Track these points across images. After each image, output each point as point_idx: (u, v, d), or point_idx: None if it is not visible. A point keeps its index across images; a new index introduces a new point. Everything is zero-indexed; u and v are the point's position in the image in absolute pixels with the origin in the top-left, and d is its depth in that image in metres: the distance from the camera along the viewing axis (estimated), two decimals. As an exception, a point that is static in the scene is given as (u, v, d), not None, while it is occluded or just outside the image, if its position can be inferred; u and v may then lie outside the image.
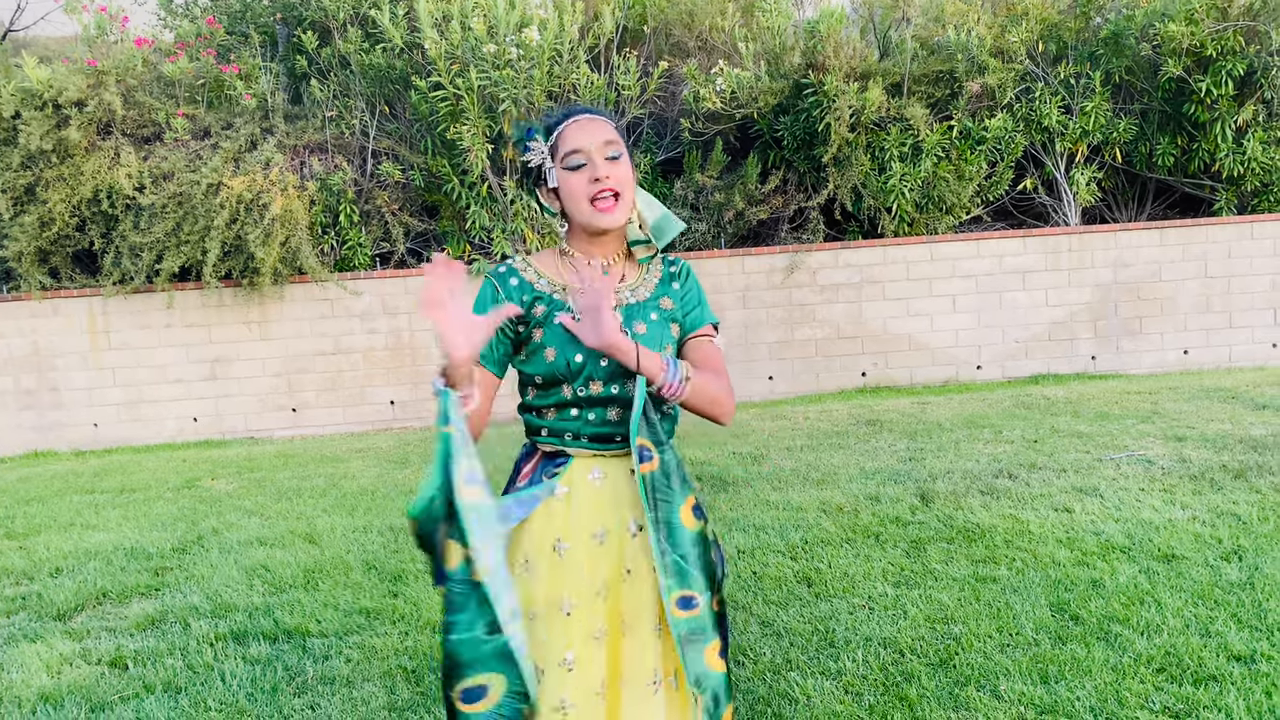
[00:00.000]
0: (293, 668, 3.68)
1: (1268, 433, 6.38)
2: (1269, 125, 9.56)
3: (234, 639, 3.96)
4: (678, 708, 2.07)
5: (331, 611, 4.19)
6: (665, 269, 2.20)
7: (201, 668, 3.70)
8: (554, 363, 2.04)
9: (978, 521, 4.89)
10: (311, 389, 9.33)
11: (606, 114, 2.11)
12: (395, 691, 3.45)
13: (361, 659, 3.72)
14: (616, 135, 2.07)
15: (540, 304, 2.07)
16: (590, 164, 2.02)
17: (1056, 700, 3.09)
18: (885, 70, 9.43)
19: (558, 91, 9.16)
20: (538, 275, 2.10)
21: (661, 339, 2.08)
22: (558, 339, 2.04)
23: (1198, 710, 2.97)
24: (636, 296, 2.12)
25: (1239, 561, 4.14)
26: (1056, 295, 9.82)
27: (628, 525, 2.05)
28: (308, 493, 6.36)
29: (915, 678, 3.30)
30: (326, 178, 9.12)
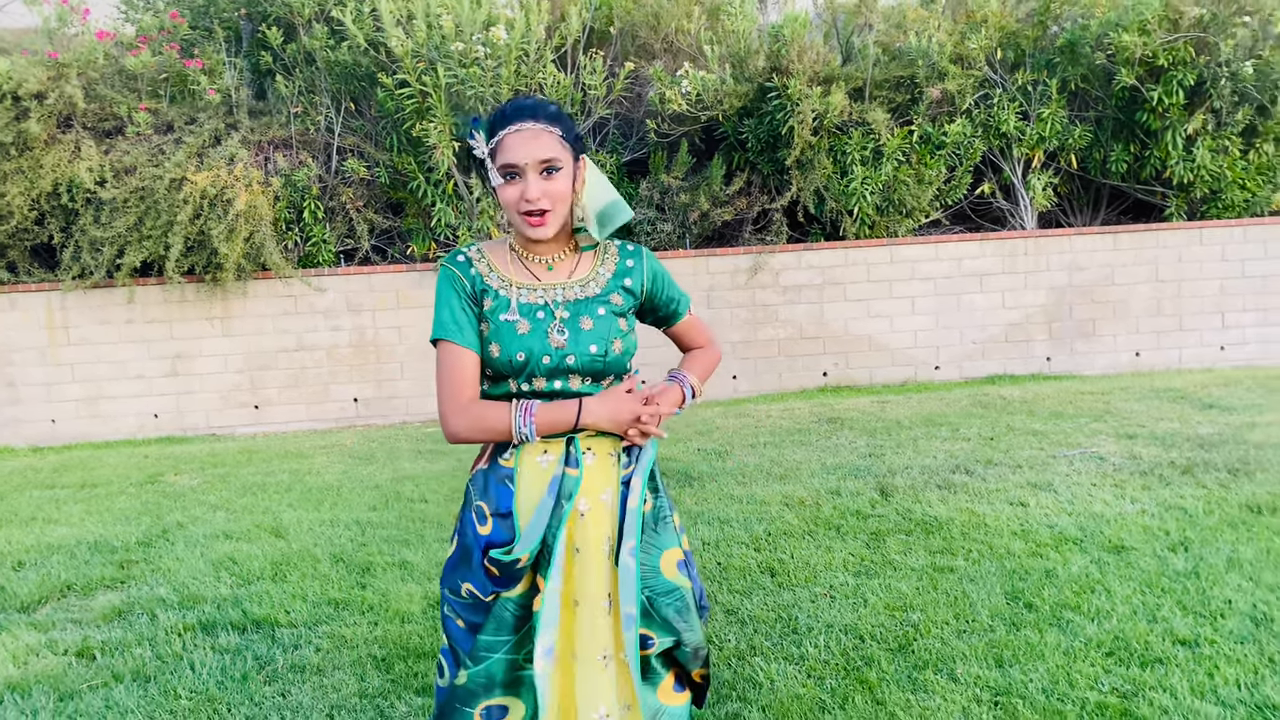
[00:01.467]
0: (262, 657, 3.70)
1: (1214, 431, 6.59)
2: (1218, 134, 9.83)
3: (202, 629, 3.98)
4: (628, 682, 2.15)
5: (300, 602, 4.22)
6: (621, 260, 2.23)
7: (170, 657, 3.72)
8: (498, 358, 2.10)
9: (935, 515, 5.01)
10: (274, 386, 9.29)
11: (552, 114, 2.10)
12: (366, 679, 3.49)
13: (331, 648, 3.76)
14: (558, 147, 2.07)
15: (488, 297, 2.12)
16: (524, 180, 2.05)
17: (1011, 682, 3.20)
18: (847, 75, 9.58)
19: (524, 91, 9.21)
20: (489, 268, 2.15)
21: (609, 334, 2.14)
22: (502, 336, 2.10)
23: (1144, 690, 3.10)
24: (586, 292, 2.17)
25: (1185, 552, 4.29)
26: (1013, 298, 10.02)
27: (576, 505, 2.11)
28: (272, 488, 6.36)
29: (875, 662, 3.40)
30: (291, 174, 9.10)
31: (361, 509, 5.71)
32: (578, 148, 2.14)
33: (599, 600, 2.10)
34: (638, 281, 2.22)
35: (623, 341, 2.16)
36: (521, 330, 2.09)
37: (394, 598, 4.22)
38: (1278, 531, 4.47)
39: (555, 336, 2.09)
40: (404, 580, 4.45)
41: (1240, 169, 9.89)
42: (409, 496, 5.94)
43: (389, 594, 4.28)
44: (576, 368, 2.10)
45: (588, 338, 2.11)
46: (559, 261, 2.18)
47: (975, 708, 3.06)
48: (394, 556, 4.78)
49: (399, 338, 9.41)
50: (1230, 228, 10.04)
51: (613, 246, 2.25)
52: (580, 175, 2.14)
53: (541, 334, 2.09)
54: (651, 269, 2.26)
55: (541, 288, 2.15)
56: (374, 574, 4.55)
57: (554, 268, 2.18)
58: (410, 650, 3.69)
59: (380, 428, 9.08)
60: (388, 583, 4.43)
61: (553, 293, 2.14)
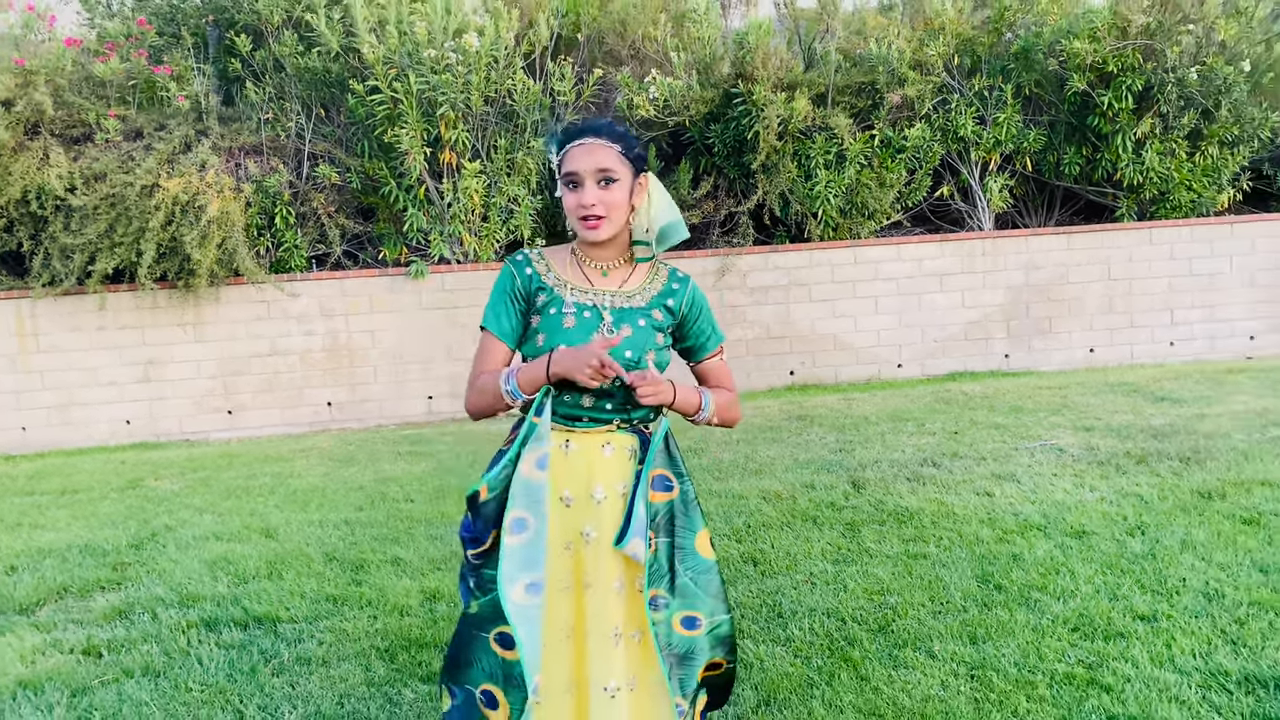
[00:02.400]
0: (267, 651, 3.83)
1: (1166, 422, 6.89)
2: (1165, 138, 10.20)
3: (205, 626, 4.09)
4: (638, 660, 2.32)
5: (298, 599, 4.34)
6: (668, 283, 2.42)
7: (177, 652, 3.83)
8: (542, 348, 2.29)
9: (906, 505, 5.24)
10: (248, 391, 9.34)
11: (614, 133, 2.31)
12: (371, 669, 3.63)
13: (334, 641, 3.89)
14: (615, 161, 2.27)
15: (543, 294, 2.33)
16: (582, 188, 2.26)
17: (985, 657, 3.42)
18: (810, 81, 9.82)
19: (494, 97, 9.34)
20: (547, 268, 2.36)
21: (645, 344, 2.32)
22: (549, 328, 2.30)
23: (1108, 661, 3.33)
24: (632, 302, 2.36)
25: (1142, 536, 4.55)
26: (972, 297, 10.32)
27: (592, 493, 2.29)
28: (256, 490, 6.44)
29: (858, 642, 3.61)
30: (263, 180, 9.16)
31: (348, 509, 5.82)
32: (638, 165, 2.34)
33: (610, 582, 2.27)
34: (679, 303, 2.41)
35: (656, 354, 2.34)
36: (568, 324, 2.29)
37: (390, 593, 4.36)
38: (1227, 515, 4.74)
39: (605, 334, 2.28)
40: (398, 576, 4.58)
41: (1187, 171, 10.27)
42: (394, 497, 6.06)
43: (385, 589, 4.41)
44: None
45: (625, 344, 2.30)
46: (613, 269, 2.38)
47: (953, 680, 3.27)
48: (386, 554, 4.90)
49: (372, 341, 9.49)
50: (1178, 228, 10.42)
51: (664, 269, 2.44)
52: (641, 191, 2.34)
53: (587, 332, 2.28)
54: (694, 296, 2.44)
55: (594, 291, 2.34)
56: (368, 571, 4.68)
57: (608, 274, 2.37)
58: (412, 641, 3.83)
59: (355, 431, 9.16)
60: (382, 579, 4.56)
61: (603, 297, 2.34)
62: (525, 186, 9.61)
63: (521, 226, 9.58)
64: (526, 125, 9.58)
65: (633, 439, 2.34)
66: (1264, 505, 4.86)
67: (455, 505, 5.76)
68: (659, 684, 2.29)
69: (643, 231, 2.37)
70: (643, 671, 2.29)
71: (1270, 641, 3.39)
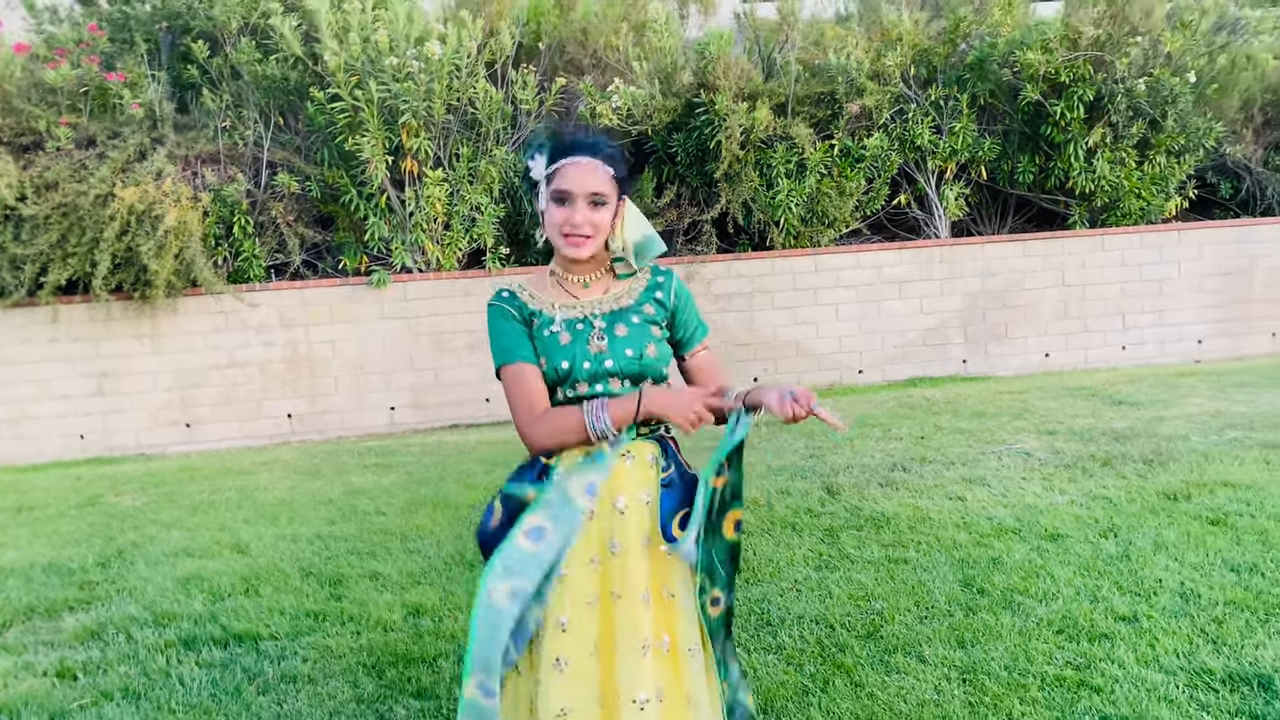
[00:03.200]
0: (250, 669, 3.76)
1: (1126, 426, 7.04)
2: (1115, 146, 10.43)
3: (183, 645, 4.01)
4: (666, 672, 2.32)
5: (278, 616, 4.27)
6: (652, 278, 2.45)
7: (157, 673, 3.75)
8: (545, 370, 2.32)
9: (882, 510, 5.29)
10: (206, 403, 9.17)
11: (609, 154, 2.32)
12: (359, 685, 3.58)
13: (319, 658, 3.83)
14: (608, 184, 2.29)
15: (535, 319, 2.35)
16: (573, 207, 2.27)
17: (975, 661, 3.46)
18: (771, 91, 9.90)
19: (457, 105, 9.29)
20: (531, 296, 2.39)
21: (643, 340, 2.35)
22: (547, 349, 2.32)
23: (1095, 663, 3.39)
24: (619, 304, 2.39)
25: (1114, 538, 4.64)
26: (930, 303, 10.47)
27: (615, 503, 2.29)
28: (222, 505, 6.33)
29: (848, 648, 3.64)
30: (220, 189, 9.01)
31: (319, 523, 5.74)
32: (624, 188, 2.36)
33: (638, 593, 2.26)
34: (667, 294, 2.43)
35: (656, 347, 2.37)
36: (564, 341, 2.31)
37: (372, 608, 4.30)
38: (1194, 516, 4.86)
39: (595, 343, 2.30)
40: (378, 591, 4.53)
41: (1136, 179, 10.51)
42: (365, 510, 5.99)
43: (366, 604, 4.35)
44: (615, 371, 2.31)
45: (623, 343, 2.32)
46: (595, 280, 2.41)
47: (946, 685, 3.31)
48: (363, 569, 4.84)
49: (333, 352, 9.37)
50: (1128, 234, 10.66)
51: (644, 270, 2.46)
52: (621, 212, 2.36)
53: (582, 342, 2.30)
54: (679, 288, 2.47)
55: (580, 304, 2.37)
56: (347, 586, 4.62)
57: (590, 285, 2.40)
58: (399, 656, 3.79)
59: (316, 443, 9.04)
60: (362, 594, 4.50)
61: (591, 306, 2.37)
62: (488, 195, 9.56)
63: (484, 235, 9.53)
64: (489, 134, 9.54)
65: (653, 446, 2.34)
66: (1228, 506, 4.98)
67: (429, 518, 5.71)
68: (686, 697, 2.28)
69: (618, 249, 2.40)
70: (671, 683, 2.28)
71: (1249, 640, 3.48)
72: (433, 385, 9.60)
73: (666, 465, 2.33)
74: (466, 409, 9.65)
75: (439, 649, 3.83)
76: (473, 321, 9.59)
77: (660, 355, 2.37)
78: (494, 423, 9.50)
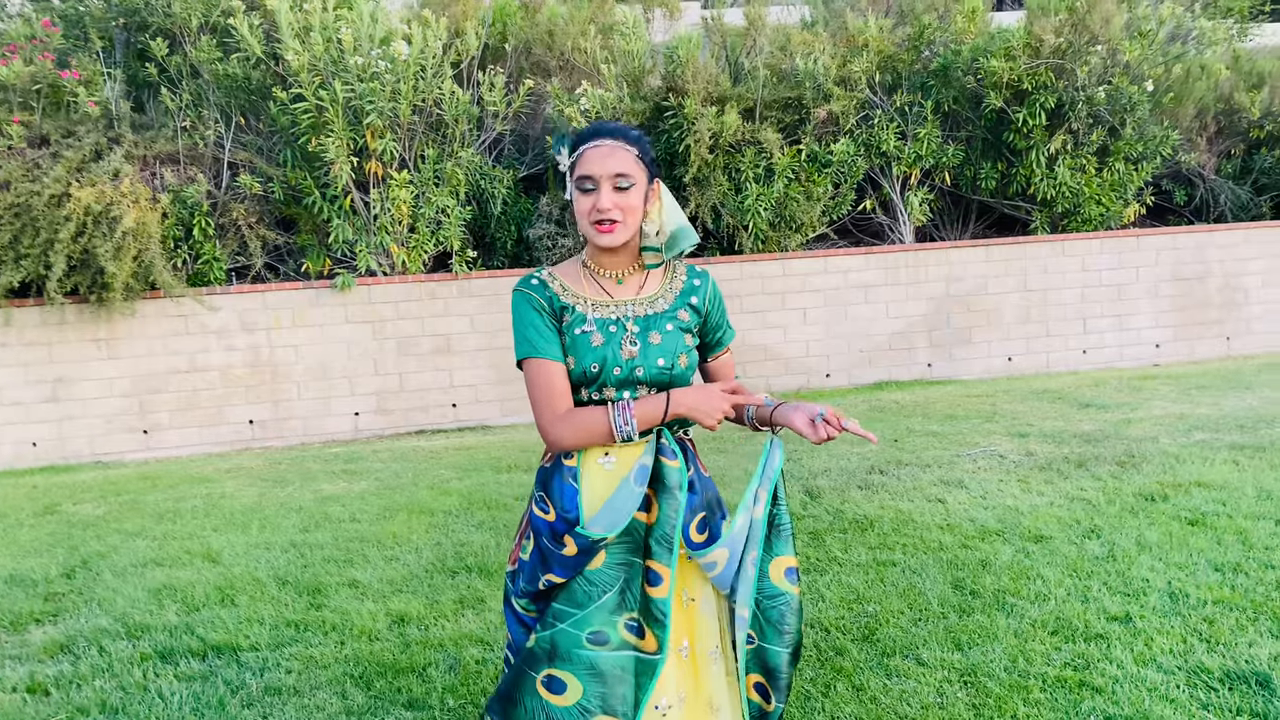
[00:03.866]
0: (233, 681, 3.64)
1: (1095, 428, 7.12)
2: (1076, 153, 10.59)
3: (160, 658, 3.87)
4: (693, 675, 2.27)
5: (257, 626, 4.14)
6: (689, 280, 2.36)
7: (134, 687, 3.61)
8: (573, 369, 2.23)
9: (864, 513, 5.28)
10: (164, 409, 8.94)
11: (630, 136, 2.25)
12: (348, 697, 3.48)
13: (303, 669, 3.72)
14: (632, 165, 2.21)
15: (566, 313, 2.25)
16: (598, 191, 2.18)
17: (974, 663, 3.45)
18: (739, 95, 9.91)
19: (423, 106, 9.18)
20: (562, 288, 2.28)
21: (676, 349, 2.26)
22: (578, 349, 2.23)
23: (1094, 663, 3.39)
24: (655, 308, 2.29)
25: (1098, 538, 4.67)
26: (896, 308, 10.53)
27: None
28: (188, 513, 6.16)
29: (846, 652, 3.60)
30: (180, 190, 8.80)
31: (291, 531, 5.60)
32: (653, 170, 2.28)
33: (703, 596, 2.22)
34: (702, 300, 2.34)
35: (688, 356, 2.29)
36: (596, 342, 2.22)
37: (354, 617, 4.19)
38: (1173, 516, 4.91)
39: (628, 348, 2.22)
40: (359, 599, 4.41)
41: (1096, 185, 10.68)
42: (338, 517, 5.86)
43: (348, 614, 4.24)
44: (645, 379, 2.22)
45: (656, 351, 2.24)
46: (628, 276, 2.31)
47: (948, 687, 3.29)
48: (342, 576, 4.73)
49: (296, 356, 9.19)
50: (1088, 240, 10.82)
51: (681, 267, 2.38)
52: (654, 197, 2.28)
53: (615, 346, 2.22)
54: (715, 292, 2.38)
55: (614, 303, 2.28)
56: (326, 595, 4.50)
57: (624, 282, 2.31)
58: (387, 666, 3.69)
59: (279, 450, 8.85)
60: (343, 602, 4.39)
61: (624, 308, 2.27)
62: (454, 197, 9.45)
63: (451, 238, 9.41)
64: (455, 135, 9.43)
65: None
66: (1204, 506, 5.04)
67: (405, 524, 5.59)
68: (708, 701, 2.23)
69: (653, 237, 2.31)
70: (691, 688, 2.23)
71: (1241, 638, 3.50)
72: (398, 390, 9.46)
73: (686, 467, 2.27)
74: (432, 414, 9.52)
75: (428, 658, 3.74)
76: (439, 325, 9.47)
77: (690, 364, 2.30)
78: (460, 428, 9.39)
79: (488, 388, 9.62)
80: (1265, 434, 6.56)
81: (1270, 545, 4.41)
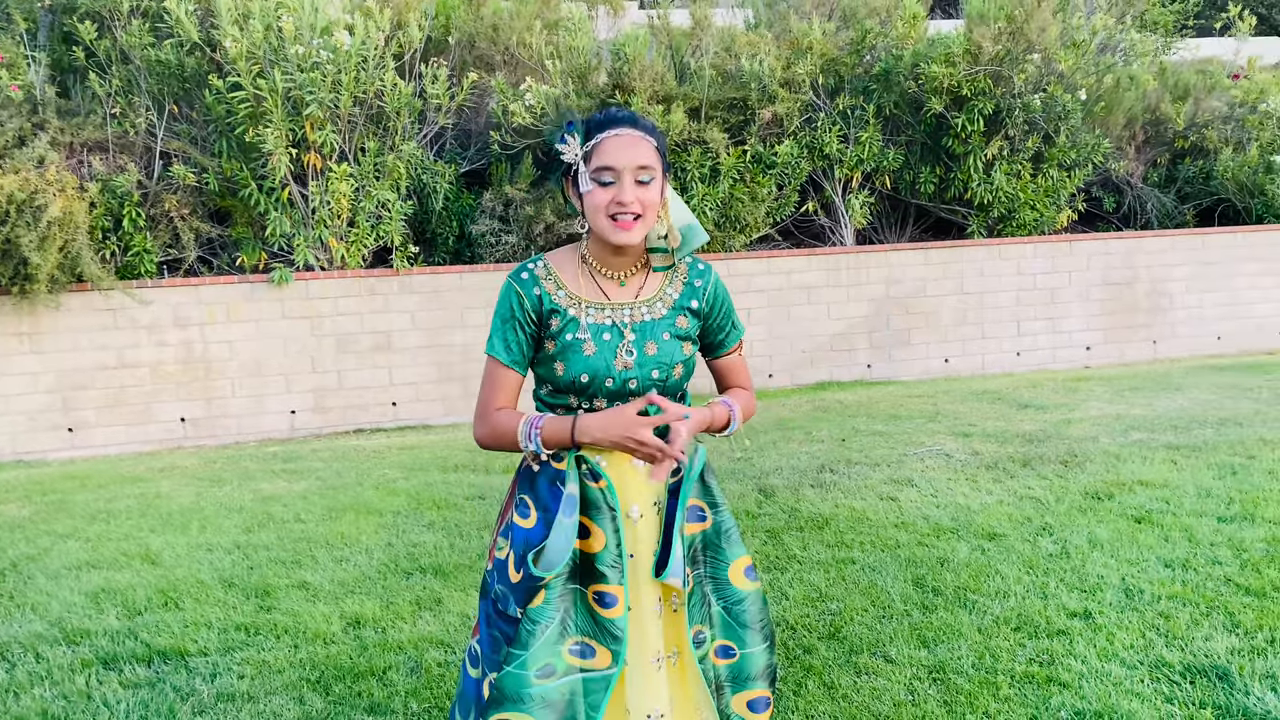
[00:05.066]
0: (182, 688, 3.49)
1: (1036, 428, 7.25)
2: (1012, 159, 10.80)
3: (102, 664, 3.70)
4: (680, 682, 2.22)
5: (204, 630, 3.99)
6: (690, 278, 2.24)
7: (76, 695, 3.44)
8: (562, 376, 2.13)
9: (819, 511, 5.30)
10: (91, 407, 8.61)
11: (649, 127, 2.13)
12: (306, 702, 3.36)
13: (256, 674, 3.59)
14: (654, 156, 2.09)
15: (556, 317, 2.14)
16: (619, 185, 2.05)
17: (941, 660, 3.46)
18: (685, 94, 9.90)
19: (364, 98, 8.99)
20: (557, 286, 2.16)
21: (672, 359, 2.17)
22: (568, 357, 2.12)
23: (1059, 659, 3.43)
24: (653, 313, 2.18)
25: (1050, 536, 4.74)
26: (837, 309, 10.62)
27: (629, 512, 2.16)
28: (122, 513, 5.92)
29: (813, 650, 3.59)
30: (109, 179, 8.49)
31: (234, 532, 5.41)
32: (666, 164, 2.17)
33: (650, 605, 2.16)
34: (703, 302, 2.23)
35: (684, 366, 2.20)
36: (588, 351, 2.12)
37: (307, 619, 4.06)
38: (1120, 514, 5.01)
39: (623, 357, 2.13)
40: (311, 601, 4.28)
41: (1030, 191, 10.90)
42: (282, 517, 5.69)
43: (300, 616, 4.11)
44: (638, 390, 2.14)
45: (652, 362, 2.15)
46: (630, 276, 2.19)
47: (918, 684, 3.30)
48: (291, 578, 4.58)
49: (230, 353, 8.93)
50: (1023, 244, 11.05)
51: (683, 264, 2.26)
52: (665, 192, 2.16)
53: (608, 355, 2.12)
54: (717, 290, 2.26)
55: (610, 307, 2.16)
56: (275, 597, 4.35)
57: (625, 284, 2.19)
58: (345, 670, 3.58)
59: (213, 448, 8.59)
60: (294, 604, 4.25)
61: (620, 313, 2.16)
62: (395, 191, 9.28)
63: (391, 233, 9.24)
64: (397, 128, 9.26)
65: None
66: (1149, 504, 5.15)
67: (353, 525, 5.45)
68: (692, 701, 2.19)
69: (659, 237, 2.18)
70: (678, 692, 2.19)
71: (1197, 633, 3.57)
72: (336, 388, 9.25)
73: (675, 470, 2.21)
74: (371, 413, 9.33)
75: (388, 661, 3.63)
76: (379, 321, 9.28)
77: (685, 373, 2.21)
78: (401, 427, 9.22)
79: (429, 386, 9.46)
80: (1199, 434, 6.75)
81: (1215, 542, 4.52)
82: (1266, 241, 11.81)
